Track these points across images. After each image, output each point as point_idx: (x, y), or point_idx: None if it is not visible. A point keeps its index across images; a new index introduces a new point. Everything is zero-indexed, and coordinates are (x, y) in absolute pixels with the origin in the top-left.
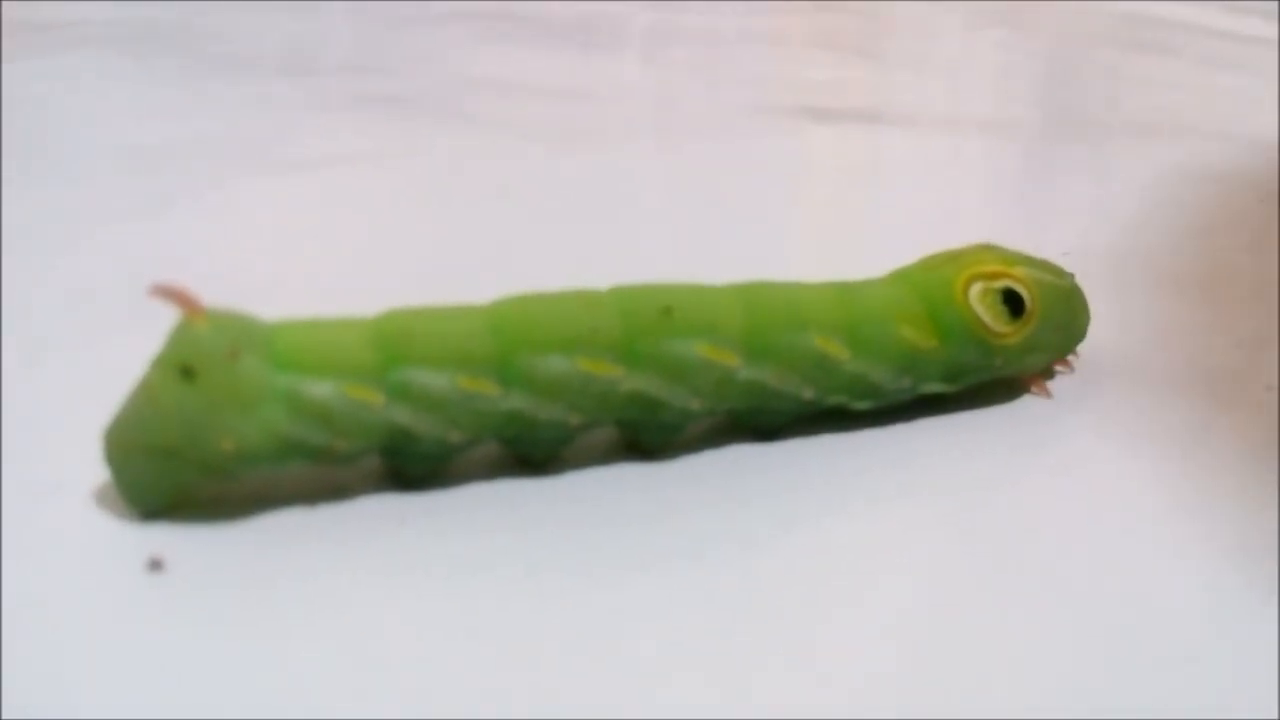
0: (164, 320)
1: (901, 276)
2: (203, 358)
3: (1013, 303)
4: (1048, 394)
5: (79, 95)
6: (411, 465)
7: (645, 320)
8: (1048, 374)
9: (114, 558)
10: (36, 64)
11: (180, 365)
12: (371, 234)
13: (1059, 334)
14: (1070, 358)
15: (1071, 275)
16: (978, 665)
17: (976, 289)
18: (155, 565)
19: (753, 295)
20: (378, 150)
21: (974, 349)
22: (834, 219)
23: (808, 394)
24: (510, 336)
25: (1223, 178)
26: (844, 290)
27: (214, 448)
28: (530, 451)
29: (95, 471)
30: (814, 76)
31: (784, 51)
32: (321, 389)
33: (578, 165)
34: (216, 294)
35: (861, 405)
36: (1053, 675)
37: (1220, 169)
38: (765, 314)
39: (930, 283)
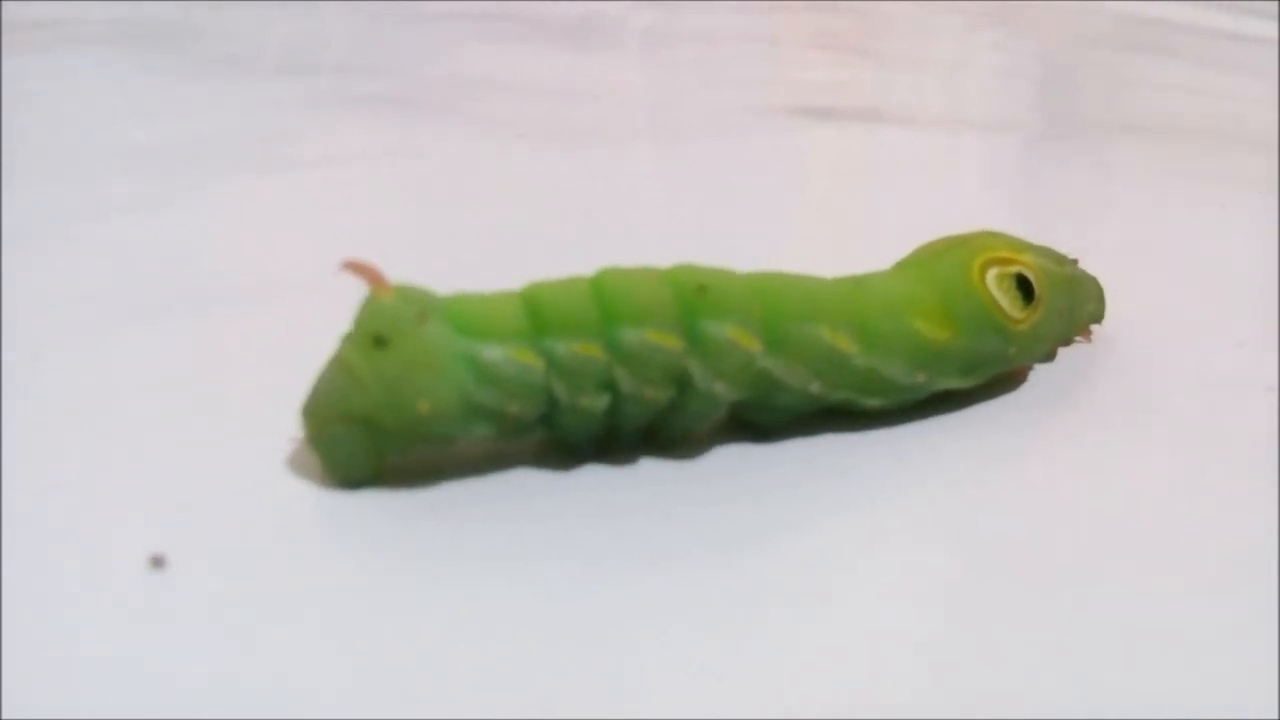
0: (162, 321)
1: (911, 266)
2: (393, 327)
3: (1023, 289)
4: (1023, 379)
5: (78, 94)
6: (571, 436)
7: (687, 297)
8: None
9: (115, 556)
10: (36, 62)
11: (373, 336)
12: (371, 232)
13: (1062, 321)
14: (1090, 330)
15: (1074, 262)
16: (979, 664)
17: (993, 274)
18: (157, 562)
19: (768, 283)
20: (377, 149)
21: (992, 336)
22: (832, 218)
23: (814, 388)
24: (609, 307)
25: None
26: (855, 284)
27: (412, 411)
28: (620, 428)
29: (94, 470)
30: (812, 77)
31: (782, 52)
32: (494, 352)
33: (576, 164)
34: (216, 291)
35: (873, 403)
36: (1053, 675)
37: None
38: (779, 302)
39: (944, 270)
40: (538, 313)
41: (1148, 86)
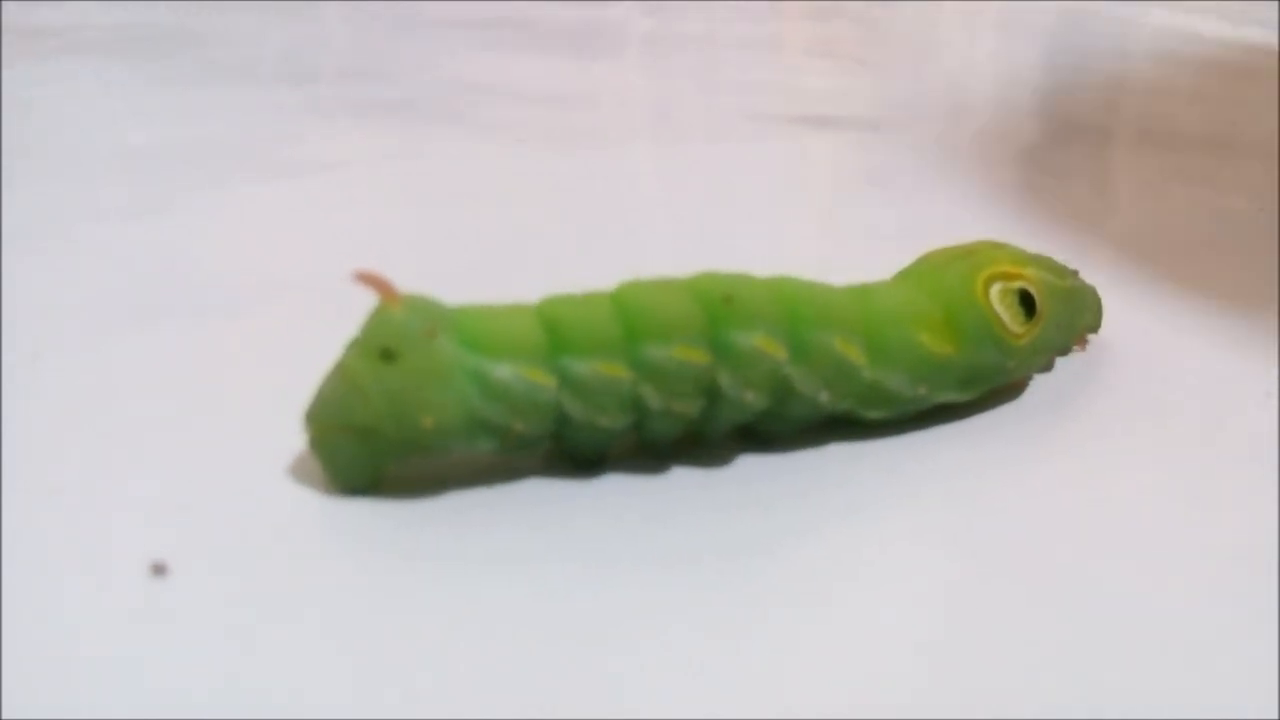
0: (162, 325)
1: (914, 278)
2: (402, 340)
3: (1025, 303)
4: (1022, 388)
5: (78, 99)
6: (579, 451)
7: (713, 308)
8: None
9: (115, 558)
10: (37, 68)
11: (381, 348)
12: (371, 237)
13: (1060, 334)
14: (1085, 340)
15: (1074, 273)
16: (979, 666)
17: (996, 289)
18: (158, 569)
19: (787, 289)
20: (377, 154)
21: (992, 351)
22: (831, 225)
23: (823, 397)
24: (634, 324)
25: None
26: (862, 294)
27: (415, 425)
28: (653, 440)
29: (95, 474)
30: (811, 83)
31: (782, 58)
32: (504, 370)
33: (576, 170)
34: (216, 296)
35: (873, 414)
36: (1053, 677)
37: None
38: (799, 309)
39: (948, 284)
40: (557, 331)
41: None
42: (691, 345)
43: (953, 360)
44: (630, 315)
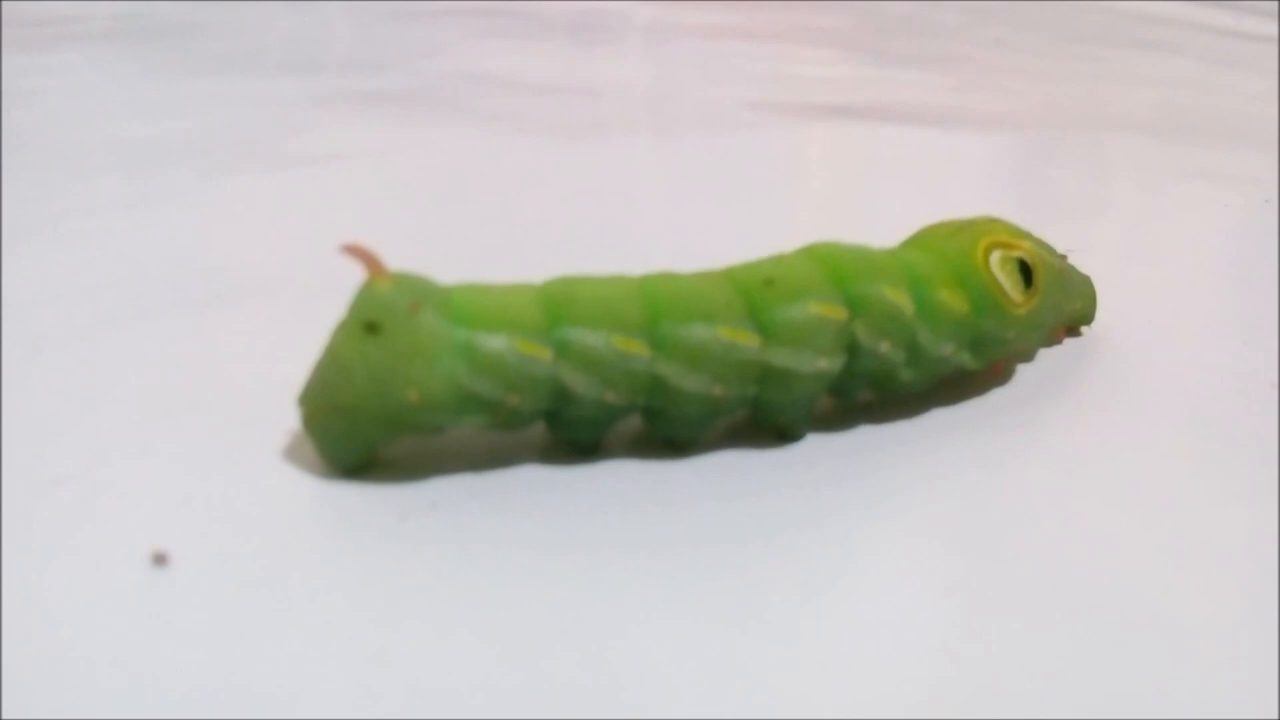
0: (164, 315)
1: (918, 247)
2: (386, 314)
3: (1024, 274)
4: (1008, 376)
5: (79, 91)
6: (576, 431)
7: (754, 293)
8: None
9: (117, 552)
10: (37, 59)
11: (365, 322)
12: (373, 226)
13: (1052, 313)
14: (1079, 330)
15: (1064, 257)
16: (978, 662)
17: (996, 256)
18: (159, 559)
19: (824, 253)
20: (379, 145)
21: (994, 317)
22: (832, 214)
23: (884, 348)
24: (659, 305)
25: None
26: (888, 252)
27: (399, 400)
28: (674, 431)
29: (95, 465)
30: (813, 73)
31: (783, 48)
32: (496, 342)
33: (578, 160)
34: (219, 286)
35: (907, 375)
36: (1053, 675)
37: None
38: (839, 268)
39: (951, 250)
40: (568, 303)
41: (1148, 83)
42: (737, 328)
43: (969, 318)
44: (659, 299)
